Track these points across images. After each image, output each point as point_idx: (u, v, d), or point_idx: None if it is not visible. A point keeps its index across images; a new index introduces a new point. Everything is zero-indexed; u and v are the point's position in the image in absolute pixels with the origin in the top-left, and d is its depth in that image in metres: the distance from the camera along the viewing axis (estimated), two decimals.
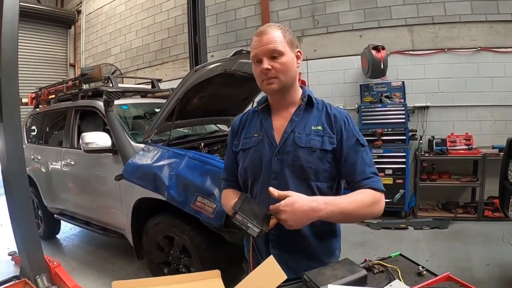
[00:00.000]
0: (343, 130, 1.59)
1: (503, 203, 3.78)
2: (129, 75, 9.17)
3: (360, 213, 1.48)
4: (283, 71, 1.56)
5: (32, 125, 5.99)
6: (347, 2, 6.57)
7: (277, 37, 1.55)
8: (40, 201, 5.47)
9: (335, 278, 1.20)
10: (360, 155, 1.58)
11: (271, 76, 1.55)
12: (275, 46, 1.53)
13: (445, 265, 4.09)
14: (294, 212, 1.33)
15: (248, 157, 1.67)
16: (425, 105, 6.12)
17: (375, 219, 5.62)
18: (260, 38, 1.56)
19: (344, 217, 1.47)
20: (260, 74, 1.58)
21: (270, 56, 1.54)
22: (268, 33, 1.55)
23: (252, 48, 1.59)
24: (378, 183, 1.56)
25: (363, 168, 1.56)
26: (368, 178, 1.54)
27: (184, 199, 3.08)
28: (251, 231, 1.34)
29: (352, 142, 1.58)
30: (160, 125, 3.76)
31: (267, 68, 1.53)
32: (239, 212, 1.36)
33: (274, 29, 1.58)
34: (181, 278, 1.31)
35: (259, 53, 1.55)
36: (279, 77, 1.56)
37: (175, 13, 8.53)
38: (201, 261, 3.28)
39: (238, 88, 4.27)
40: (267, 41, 1.54)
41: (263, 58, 1.54)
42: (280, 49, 1.54)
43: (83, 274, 4.41)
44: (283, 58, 1.55)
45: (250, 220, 1.34)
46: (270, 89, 1.60)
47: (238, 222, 1.35)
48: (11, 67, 3.54)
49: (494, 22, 5.81)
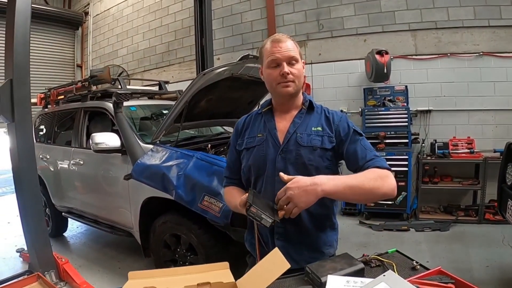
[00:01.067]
0: (340, 127, 1.72)
1: (501, 206, 3.85)
2: (136, 76, 9.28)
3: (368, 185, 1.49)
4: (298, 77, 1.70)
5: (41, 125, 6.07)
6: (352, 7, 6.64)
7: (293, 46, 1.70)
8: (48, 200, 5.55)
9: (335, 270, 1.29)
10: (359, 143, 1.69)
11: (290, 79, 1.68)
12: (294, 54, 1.68)
13: (445, 266, 4.02)
14: (299, 187, 1.41)
15: (252, 156, 1.78)
16: (427, 109, 6.19)
17: (377, 221, 5.70)
18: (279, 45, 1.68)
19: (352, 191, 1.48)
20: (277, 78, 1.69)
21: (289, 62, 1.67)
22: (286, 41, 1.69)
23: (271, 53, 1.69)
24: (382, 162, 1.62)
25: (364, 154, 1.65)
26: (370, 160, 1.62)
27: (192, 199, 3.16)
28: (264, 222, 1.43)
29: (349, 134, 1.70)
30: (169, 126, 3.85)
31: (287, 72, 1.65)
32: (254, 205, 1.45)
33: (287, 39, 1.71)
34: (191, 269, 1.40)
35: (280, 58, 1.67)
36: (295, 82, 1.70)
37: (182, 16, 8.62)
38: (207, 258, 3.35)
39: (244, 91, 4.35)
40: (286, 48, 1.67)
41: (283, 63, 1.67)
42: (297, 57, 1.70)
43: (90, 271, 4.48)
44: (298, 65, 1.71)
45: (264, 211, 1.44)
46: (287, 92, 1.71)
47: (252, 214, 1.45)
48: (23, 69, 3.63)
49: (497, 27, 5.85)
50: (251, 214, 1.46)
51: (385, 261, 1.47)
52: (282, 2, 7.28)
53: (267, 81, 1.76)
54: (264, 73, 1.76)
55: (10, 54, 3.53)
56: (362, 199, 1.62)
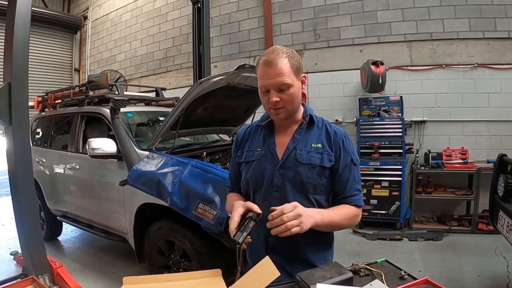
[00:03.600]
0: (341, 149, 1.72)
1: (492, 216, 3.89)
2: (133, 82, 9.27)
3: (341, 224, 1.67)
4: (290, 102, 1.64)
5: (37, 128, 6.07)
6: (348, 17, 6.71)
7: (285, 69, 1.58)
8: (43, 203, 5.53)
9: (324, 279, 1.31)
10: (353, 173, 1.73)
11: (279, 107, 1.63)
12: (284, 80, 1.58)
13: (437, 276, 4.17)
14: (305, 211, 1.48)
15: (251, 170, 1.79)
16: (422, 120, 6.24)
17: (370, 230, 5.73)
18: (269, 70, 1.59)
19: (329, 227, 1.66)
20: (267, 103, 1.65)
21: (278, 89, 1.60)
22: (276, 64, 1.57)
23: (260, 77, 1.64)
24: (361, 200, 1.74)
25: (353, 186, 1.72)
26: (353, 195, 1.72)
27: (186, 206, 3.18)
28: (238, 235, 1.47)
29: (347, 161, 1.72)
30: (165, 133, 3.88)
31: (275, 101, 1.61)
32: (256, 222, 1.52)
33: (281, 58, 1.59)
34: (184, 276, 1.44)
35: (268, 85, 1.61)
36: (286, 107, 1.65)
37: (180, 23, 8.65)
38: (201, 265, 3.36)
39: (240, 100, 4.38)
40: (275, 74, 1.57)
41: (272, 90, 1.61)
42: (288, 82, 1.59)
43: (84, 275, 4.48)
44: (291, 90, 1.62)
45: (246, 233, 1.48)
46: (278, 118, 1.70)
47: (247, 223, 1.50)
48: (22, 73, 3.63)
49: (491, 39, 5.93)
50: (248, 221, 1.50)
51: (374, 271, 1.49)
52: (279, 12, 7.34)
53: (263, 104, 1.73)
54: (259, 94, 1.72)
55: (9, 58, 3.54)
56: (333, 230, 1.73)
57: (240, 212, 1.55)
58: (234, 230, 1.50)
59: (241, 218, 1.54)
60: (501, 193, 3.72)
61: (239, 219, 1.53)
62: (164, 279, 1.44)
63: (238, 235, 1.46)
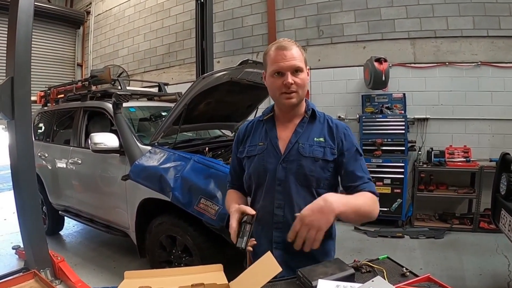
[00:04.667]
0: (344, 141, 1.72)
1: (494, 215, 3.88)
2: (136, 77, 9.29)
3: (367, 209, 1.59)
4: (302, 86, 1.67)
5: (40, 123, 6.09)
6: (352, 14, 6.69)
7: (298, 54, 1.65)
8: (45, 198, 5.56)
9: (326, 275, 1.32)
10: (359, 163, 1.72)
11: (293, 90, 1.64)
12: (298, 63, 1.63)
13: (438, 273, 4.16)
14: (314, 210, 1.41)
15: (253, 165, 1.79)
16: (425, 117, 6.23)
17: (372, 227, 5.73)
18: (283, 53, 1.63)
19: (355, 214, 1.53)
20: (280, 87, 1.65)
21: (293, 71, 1.63)
22: (290, 49, 1.63)
23: (275, 61, 1.65)
24: (374, 187, 1.70)
25: (362, 175, 1.69)
26: (365, 183, 1.68)
27: (188, 201, 3.19)
28: (240, 242, 1.48)
29: (352, 152, 1.72)
30: (167, 128, 3.88)
31: (291, 83, 1.62)
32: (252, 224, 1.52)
33: (293, 45, 1.66)
34: (186, 271, 1.44)
35: (284, 67, 1.62)
36: (298, 92, 1.67)
37: (183, 18, 8.64)
38: (202, 260, 3.36)
39: (243, 95, 4.37)
40: (291, 56, 1.62)
41: (287, 73, 1.62)
42: (302, 66, 1.65)
43: (86, 270, 4.50)
44: (303, 74, 1.66)
45: (248, 237, 1.50)
46: (289, 103, 1.69)
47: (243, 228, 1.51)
48: (25, 68, 3.63)
49: (495, 38, 5.90)
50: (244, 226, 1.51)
51: (376, 267, 1.49)
52: (283, 8, 7.31)
53: (270, 89, 1.73)
54: (267, 81, 1.73)
55: (11, 53, 3.54)
56: (358, 220, 1.63)
57: (236, 218, 1.56)
58: (235, 237, 1.52)
59: (239, 223, 1.55)
60: (504, 191, 3.70)
61: (238, 226, 1.54)
62: (165, 274, 1.44)
63: (240, 241, 1.48)
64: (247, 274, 1.35)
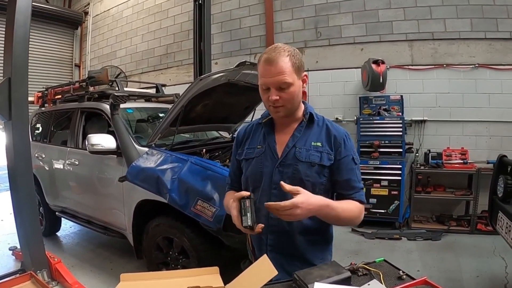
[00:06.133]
0: (342, 148, 1.71)
1: (492, 217, 3.89)
2: (134, 78, 9.29)
3: (349, 218, 1.66)
4: (290, 100, 1.63)
5: (37, 124, 6.07)
6: (350, 16, 6.69)
7: (286, 68, 1.57)
8: (42, 199, 5.53)
9: (322, 278, 1.32)
10: (354, 172, 1.73)
11: (278, 105, 1.63)
12: (284, 79, 1.57)
13: (435, 276, 4.17)
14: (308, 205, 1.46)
15: (250, 167, 1.79)
16: (422, 119, 6.24)
17: (369, 229, 5.73)
18: (269, 68, 1.58)
19: (336, 220, 1.63)
20: (267, 101, 1.64)
21: (279, 87, 1.59)
22: (277, 63, 1.56)
23: (261, 75, 1.63)
24: (363, 196, 1.73)
25: (355, 184, 1.71)
26: (356, 192, 1.70)
27: (185, 203, 3.18)
28: (245, 219, 1.47)
29: (349, 160, 1.72)
30: (164, 130, 3.87)
31: (275, 99, 1.60)
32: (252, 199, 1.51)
33: (283, 57, 1.58)
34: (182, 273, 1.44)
35: (269, 83, 1.60)
36: (286, 106, 1.64)
37: (181, 19, 8.63)
38: (199, 262, 3.36)
39: (241, 97, 4.37)
40: (276, 72, 1.57)
41: (272, 89, 1.60)
42: (289, 81, 1.58)
43: (82, 271, 4.48)
44: (291, 89, 1.61)
45: (251, 213, 1.48)
46: (277, 116, 1.71)
47: (244, 204, 1.50)
48: (22, 68, 3.64)
49: (493, 40, 5.91)
50: (243, 202, 1.50)
51: (372, 270, 1.49)
52: (281, 9, 7.32)
53: (263, 101, 1.72)
54: (259, 89, 1.70)
55: (9, 53, 3.54)
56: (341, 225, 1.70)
57: (235, 207, 1.55)
58: (239, 223, 1.52)
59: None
60: (501, 194, 3.71)
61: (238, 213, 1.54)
62: (162, 276, 1.44)
63: (245, 220, 1.47)
64: (243, 277, 1.34)
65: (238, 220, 1.52)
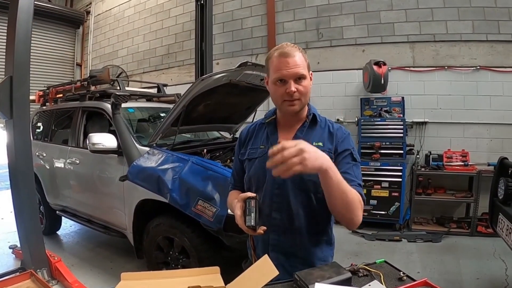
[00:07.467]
0: (341, 143, 1.70)
1: (492, 219, 3.89)
2: (135, 78, 9.28)
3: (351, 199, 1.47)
4: (305, 94, 1.64)
5: (38, 122, 6.08)
6: (352, 17, 6.69)
7: (301, 61, 1.61)
8: (42, 197, 5.55)
9: (322, 278, 1.31)
10: (351, 166, 1.66)
11: (296, 98, 1.62)
12: (302, 70, 1.59)
13: (435, 277, 4.17)
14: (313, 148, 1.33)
15: (253, 167, 1.78)
16: (423, 121, 6.22)
17: (370, 231, 5.73)
18: (286, 60, 1.59)
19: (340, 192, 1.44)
20: (283, 95, 1.62)
21: (296, 78, 1.60)
22: (294, 56, 1.59)
23: (278, 68, 1.61)
24: (363, 193, 1.61)
25: (353, 180, 1.61)
26: (355, 186, 1.58)
27: (186, 202, 3.19)
28: (248, 219, 1.46)
29: (346, 154, 1.69)
30: (166, 130, 3.88)
31: (294, 91, 1.59)
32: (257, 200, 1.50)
33: (296, 51, 1.61)
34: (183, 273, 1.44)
35: (287, 75, 1.59)
36: (301, 99, 1.64)
37: (183, 19, 8.63)
38: (199, 262, 3.37)
39: (242, 97, 4.37)
40: (294, 64, 1.58)
41: (290, 81, 1.59)
42: (305, 73, 1.61)
43: (82, 270, 4.48)
44: (306, 81, 1.63)
45: (255, 214, 1.47)
46: (292, 110, 1.67)
47: (249, 203, 1.49)
48: (24, 67, 3.65)
49: (495, 42, 5.90)
50: (247, 205, 1.49)
51: (373, 271, 1.48)
52: (282, 10, 7.32)
53: (272, 96, 1.71)
54: (270, 87, 1.70)
55: (11, 52, 3.55)
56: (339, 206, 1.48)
57: (240, 207, 1.53)
58: (242, 223, 1.49)
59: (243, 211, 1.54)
60: (501, 196, 3.71)
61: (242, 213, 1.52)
62: (162, 276, 1.44)
63: (248, 220, 1.46)
64: (244, 277, 1.34)
65: (242, 219, 1.50)
